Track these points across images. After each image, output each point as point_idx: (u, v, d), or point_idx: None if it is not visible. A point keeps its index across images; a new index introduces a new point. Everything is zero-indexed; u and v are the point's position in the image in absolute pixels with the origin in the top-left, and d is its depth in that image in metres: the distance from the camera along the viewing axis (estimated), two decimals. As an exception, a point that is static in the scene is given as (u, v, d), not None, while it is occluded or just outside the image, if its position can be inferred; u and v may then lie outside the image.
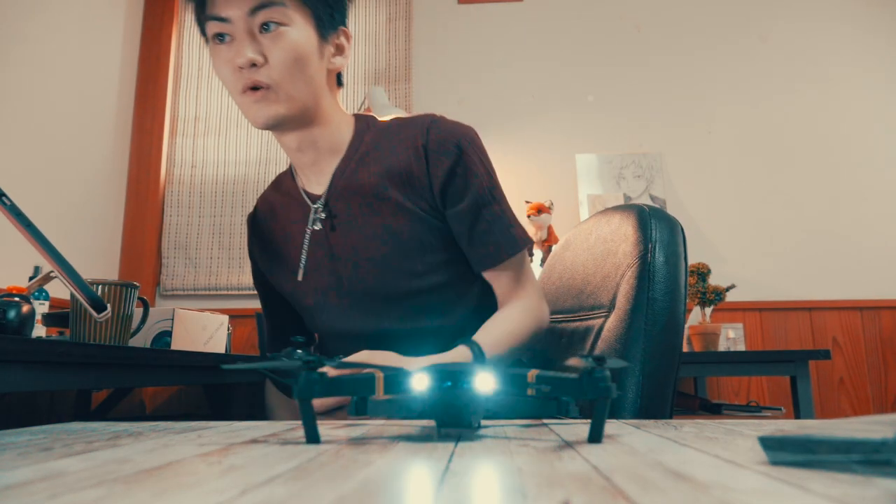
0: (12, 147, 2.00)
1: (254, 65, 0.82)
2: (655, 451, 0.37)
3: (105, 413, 2.04)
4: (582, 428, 0.51)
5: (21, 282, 1.79)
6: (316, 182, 0.94)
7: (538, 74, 2.69)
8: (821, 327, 2.45)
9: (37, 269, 1.70)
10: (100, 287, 1.23)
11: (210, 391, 2.26)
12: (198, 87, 2.73)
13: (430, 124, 0.90)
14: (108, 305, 1.09)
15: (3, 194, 0.88)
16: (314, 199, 0.93)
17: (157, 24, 2.75)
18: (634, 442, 0.41)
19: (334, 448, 0.39)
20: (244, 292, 2.56)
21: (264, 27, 0.82)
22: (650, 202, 2.54)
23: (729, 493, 0.24)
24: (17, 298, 1.10)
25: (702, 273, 2.13)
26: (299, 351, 0.67)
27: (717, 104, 2.63)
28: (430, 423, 0.55)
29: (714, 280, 2.26)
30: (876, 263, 2.48)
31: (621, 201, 2.54)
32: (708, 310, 2.18)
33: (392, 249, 0.88)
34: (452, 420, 0.48)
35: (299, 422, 0.45)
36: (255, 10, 0.81)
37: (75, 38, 2.32)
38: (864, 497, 0.23)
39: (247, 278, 2.57)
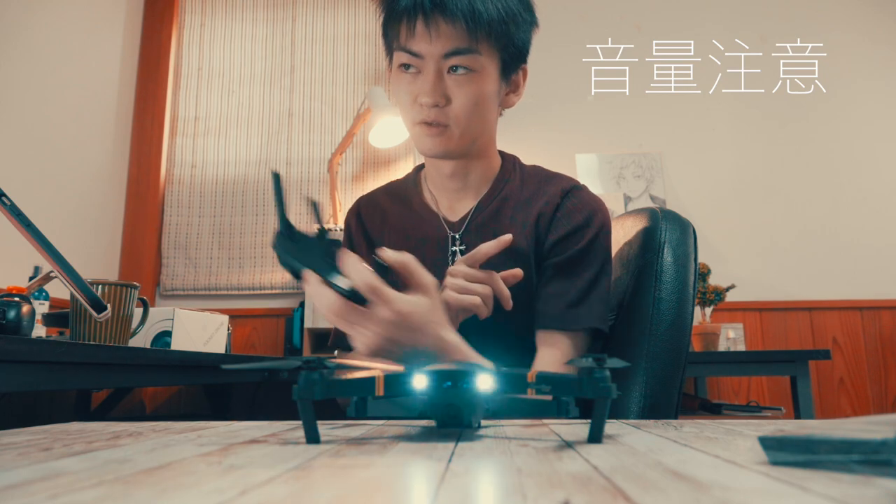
0: (12, 147, 2.00)
1: (436, 104, 0.83)
2: (655, 451, 0.37)
3: (105, 413, 2.04)
4: (582, 428, 0.51)
5: (21, 282, 1.79)
6: (450, 208, 0.95)
7: (538, 73, 2.69)
8: (821, 327, 2.45)
9: (37, 269, 1.71)
10: (100, 287, 1.23)
11: (210, 391, 2.26)
12: (198, 87, 2.73)
13: (572, 189, 0.92)
14: (108, 305, 1.09)
15: (3, 194, 0.88)
16: (450, 225, 0.94)
17: (157, 24, 2.74)
18: (634, 442, 0.41)
19: (334, 448, 0.39)
20: (244, 292, 2.56)
21: (453, 69, 0.83)
22: (650, 202, 2.54)
23: (729, 493, 0.24)
24: (17, 298, 1.10)
25: (702, 273, 2.13)
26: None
27: (717, 104, 2.63)
28: (430, 423, 0.55)
29: (714, 280, 2.26)
30: (876, 263, 2.48)
31: (621, 201, 2.54)
32: (708, 310, 2.18)
33: (511, 292, 0.89)
34: (452, 420, 0.48)
35: (299, 422, 0.45)
36: (449, 55, 0.82)
37: (75, 37, 2.32)
38: (864, 497, 0.23)
39: (247, 278, 2.56)
